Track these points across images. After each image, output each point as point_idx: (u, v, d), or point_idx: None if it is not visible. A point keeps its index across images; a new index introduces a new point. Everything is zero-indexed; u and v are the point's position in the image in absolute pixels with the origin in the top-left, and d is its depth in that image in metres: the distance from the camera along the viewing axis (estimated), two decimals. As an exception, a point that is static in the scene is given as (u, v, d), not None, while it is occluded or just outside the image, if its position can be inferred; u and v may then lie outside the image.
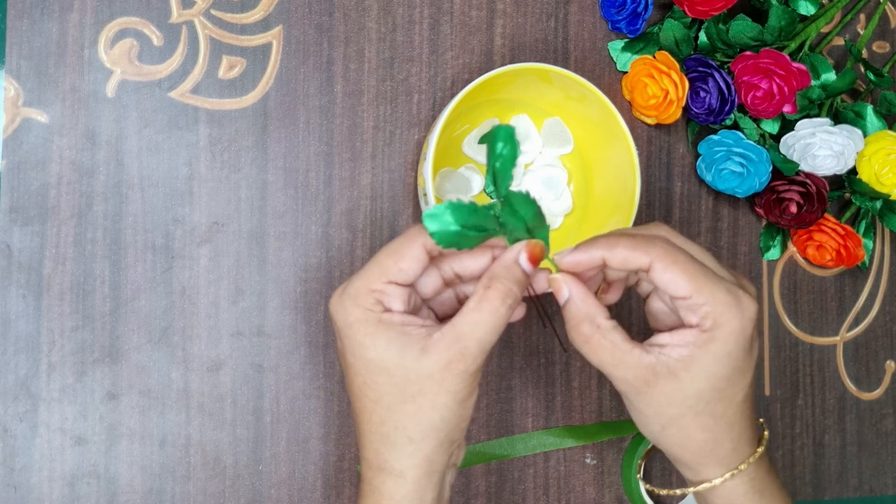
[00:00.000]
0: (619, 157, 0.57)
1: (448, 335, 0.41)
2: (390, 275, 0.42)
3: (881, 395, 0.67)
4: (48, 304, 0.54)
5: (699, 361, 0.42)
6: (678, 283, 0.42)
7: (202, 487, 0.55)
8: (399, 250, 0.43)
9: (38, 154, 0.55)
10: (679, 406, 0.43)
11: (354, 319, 0.42)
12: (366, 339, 0.42)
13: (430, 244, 0.42)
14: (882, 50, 0.68)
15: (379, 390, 0.42)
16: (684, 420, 0.43)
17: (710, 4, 0.57)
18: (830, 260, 0.63)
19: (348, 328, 0.42)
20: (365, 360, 0.42)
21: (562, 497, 0.60)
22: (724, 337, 0.42)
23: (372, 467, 0.43)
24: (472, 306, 0.42)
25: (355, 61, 0.59)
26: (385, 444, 0.42)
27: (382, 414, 0.42)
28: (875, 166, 0.61)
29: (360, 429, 0.44)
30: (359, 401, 0.43)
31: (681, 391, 0.43)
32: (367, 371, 0.42)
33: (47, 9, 0.55)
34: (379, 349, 0.42)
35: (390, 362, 0.41)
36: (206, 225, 0.56)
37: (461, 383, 0.42)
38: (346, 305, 0.42)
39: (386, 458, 0.43)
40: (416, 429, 0.42)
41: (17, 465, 0.53)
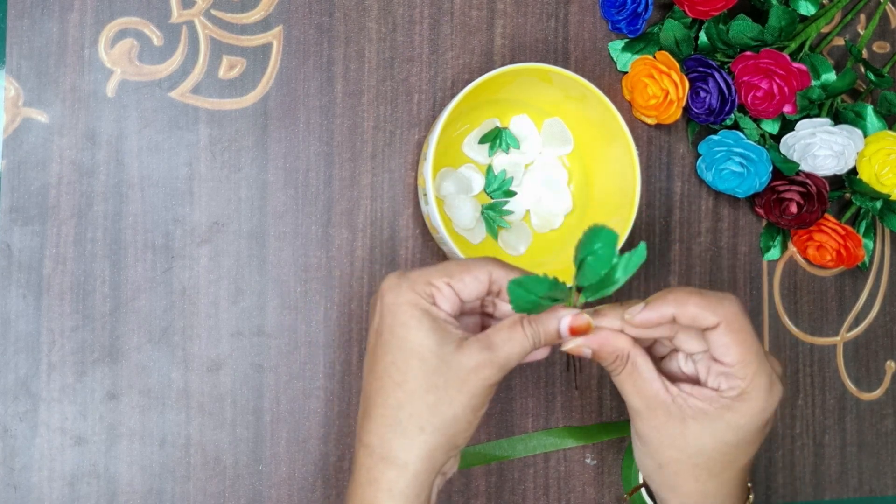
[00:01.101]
0: (620, 157, 0.57)
1: (482, 341, 0.43)
2: (452, 279, 0.44)
3: (881, 395, 0.67)
4: (48, 304, 0.54)
5: (712, 421, 0.44)
6: (731, 351, 0.43)
7: (202, 487, 0.55)
8: (468, 266, 0.45)
9: (39, 154, 0.55)
10: (680, 452, 0.44)
11: (405, 300, 0.44)
12: (411, 320, 0.43)
13: (496, 276, 0.45)
14: (882, 50, 0.68)
15: (406, 373, 0.43)
16: (681, 466, 0.45)
17: (710, 4, 0.57)
18: (830, 260, 0.63)
19: (397, 306, 0.44)
20: (403, 340, 0.43)
21: (562, 497, 0.60)
22: (743, 411, 0.44)
23: (374, 455, 0.43)
24: (507, 326, 0.44)
25: (355, 61, 0.59)
26: (395, 431, 0.43)
27: (401, 398, 0.43)
28: (875, 166, 0.61)
29: (371, 412, 0.44)
30: (379, 380, 0.44)
31: (684, 438, 0.44)
32: (401, 351, 0.43)
33: (47, 9, 0.55)
34: (420, 333, 0.43)
35: (426, 349, 0.43)
36: (206, 225, 0.56)
37: (481, 389, 0.43)
38: (402, 286, 0.44)
39: (392, 447, 0.43)
40: (429, 420, 0.43)
41: (17, 464, 0.53)
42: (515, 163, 0.61)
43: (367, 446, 0.44)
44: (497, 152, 0.60)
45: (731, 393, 0.44)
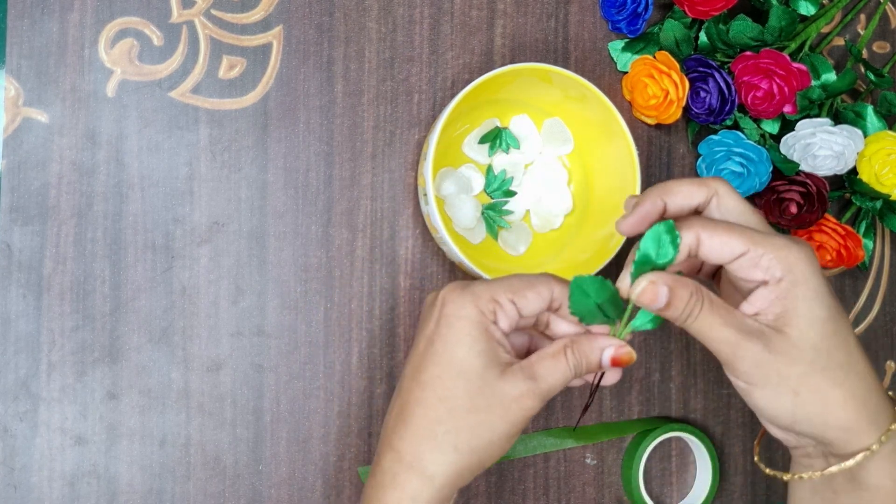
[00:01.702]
0: (620, 157, 0.57)
1: (526, 370, 0.43)
2: (516, 296, 0.43)
3: (881, 395, 0.67)
4: (48, 304, 0.54)
5: (794, 309, 0.41)
6: (730, 243, 0.41)
7: (202, 487, 0.55)
8: (532, 283, 0.44)
9: (39, 154, 0.55)
10: (801, 363, 0.41)
11: (466, 314, 0.43)
12: (466, 337, 0.43)
13: (557, 293, 0.44)
14: (882, 50, 0.68)
15: (450, 391, 0.42)
16: (814, 379, 0.41)
17: (710, 4, 0.57)
18: (830, 260, 0.63)
19: (457, 319, 0.43)
20: (453, 356, 0.43)
21: (562, 497, 0.60)
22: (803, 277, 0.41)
23: (403, 461, 0.43)
24: (551, 356, 0.44)
25: (355, 61, 0.59)
26: (429, 445, 0.42)
27: (442, 414, 0.42)
28: (875, 166, 0.61)
29: (408, 419, 0.43)
30: (422, 390, 0.43)
31: (795, 347, 0.41)
32: (450, 367, 0.43)
33: (48, 8, 0.55)
34: (472, 353, 0.42)
35: (473, 371, 0.42)
36: (206, 225, 0.56)
37: (521, 419, 0.43)
38: (465, 298, 0.43)
39: (423, 458, 0.42)
40: (466, 442, 0.42)
41: (17, 464, 0.53)
42: (515, 163, 0.61)
43: (396, 451, 0.43)
44: (497, 152, 0.60)
45: (776, 272, 0.41)
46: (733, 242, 0.41)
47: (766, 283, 0.42)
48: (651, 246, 0.42)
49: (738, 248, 0.41)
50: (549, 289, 0.44)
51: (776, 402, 0.42)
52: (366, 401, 0.58)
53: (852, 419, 0.42)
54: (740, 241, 0.41)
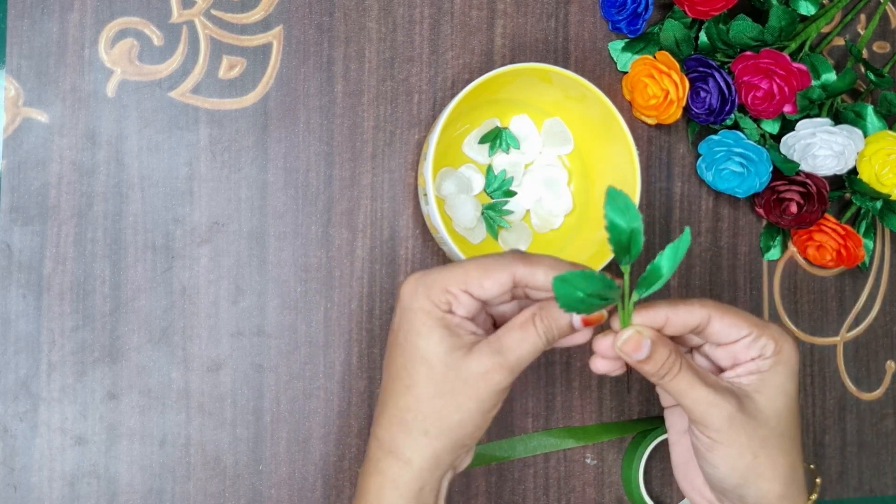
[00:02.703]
0: (620, 157, 0.57)
1: (492, 345, 0.44)
2: (470, 286, 0.44)
3: (881, 395, 0.67)
4: (48, 304, 0.54)
5: (771, 381, 0.45)
6: (738, 325, 0.45)
7: (202, 487, 0.55)
8: (488, 269, 0.44)
9: (39, 154, 0.55)
10: (765, 428, 0.45)
11: (419, 307, 0.44)
12: (422, 328, 0.44)
13: (520, 275, 0.44)
14: (882, 50, 0.68)
15: (415, 378, 0.44)
16: (771, 443, 0.45)
17: (710, 4, 0.57)
18: (831, 260, 0.63)
19: (411, 312, 0.44)
20: (413, 346, 0.44)
21: (562, 497, 0.60)
22: (787, 359, 0.45)
23: (383, 447, 0.45)
24: (518, 325, 0.44)
25: (355, 61, 0.59)
26: (402, 431, 0.44)
27: (410, 401, 0.44)
28: (875, 166, 0.61)
29: (383, 409, 0.45)
30: (392, 381, 0.45)
31: (762, 412, 0.45)
32: (412, 357, 0.44)
33: (48, 9, 0.55)
34: (430, 342, 0.43)
35: (435, 357, 0.43)
36: (206, 225, 0.56)
37: (490, 394, 0.44)
38: (418, 292, 0.44)
39: (398, 444, 0.44)
40: (434, 425, 0.44)
41: (17, 464, 0.53)
42: (515, 163, 0.61)
43: (378, 439, 0.45)
44: (497, 152, 0.60)
45: (768, 350, 0.45)
46: (741, 325, 0.45)
47: (754, 359, 0.46)
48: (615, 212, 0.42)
49: (744, 331, 0.45)
50: (509, 273, 0.44)
51: (736, 461, 0.45)
52: (366, 401, 0.58)
53: (789, 489, 0.46)
54: (747, 324, 0.45)
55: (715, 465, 0.45)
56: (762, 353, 0.45)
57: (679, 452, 0.50)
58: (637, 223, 0.42)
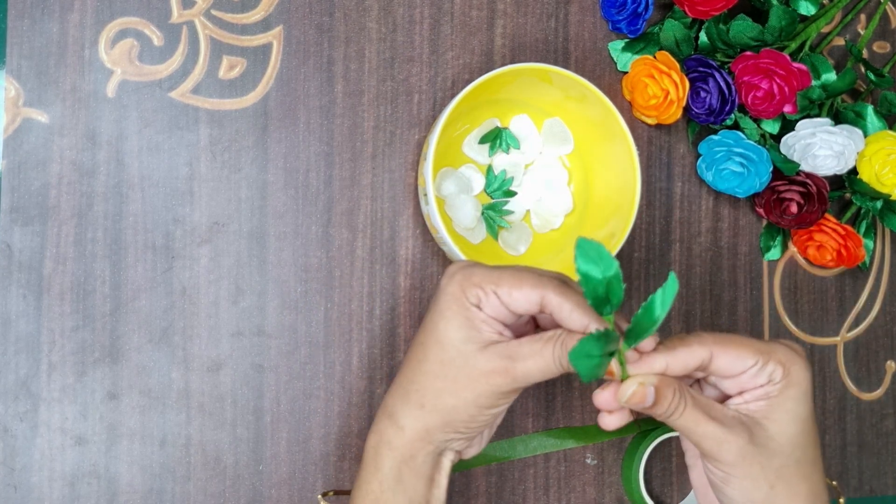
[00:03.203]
0: (620, 157, 0.57)
1: (506, 349, 0.44)
2: (500, 290, 0.44)
3: (881, 395, 0.67)
4: (48, 304, 0.54)
5: (781, 406, 0.44)
6: (742, 356, 0.44)
7: (202, 487, 0.55)
8: (522, 282, 0.44)
9: (39, 154, 0.55)
10: (780, 456, 0.44)
11: (451, 292, 0.45)
12: (447, 311, 0.45)
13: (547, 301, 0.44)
14: (882, 50, 0.68)
15: (426, 356, 0.45)
16: (788, 472, 0.44)
17: (710, 4, 0.57)
18: (831, 260, 0.63)
19: (443, 294, 0.45)
20: (435, 326, 0.45)
21: (562, 497, 0.60)
22: (796, 382, 0.44)
23: (385, 410, 0.47)
24: (538, 340, 0.44)
25: (356, 61, 0.59)
26: (402, 399, 0.46)
27: (416, 375, 0.46)
28: (875, 166, 0.61)
29: (396, 377, 0.48)
30: (409, 353, 0.47)
31: (774, 440, 0.44)
32: (430, 334, 0.45)
33: (48, 9, 0.55)
34: (450, 326, 0.45)
35: (450, 341, 0.45)
36: (206, 225, 0.56)
37: (488, 393, 0.44)
38: (456, 279, 0.45)
39: (396, 410, 0.47)
40: (430, 401, 0.45)
41: (17, 464, 0.53)
42: (515, 163, 0.61)
43: (384, 403, 0.48)
44: (497, 152, 0.60)
45: (777, 375, 0.44)
46: (745, 355, 0.44)
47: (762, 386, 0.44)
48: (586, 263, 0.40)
49: (749, 361, 0.44)
50: (539, 294, 0.44)
51: (752, 493, 0.44)
52: (366, 401, 0.58)
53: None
54: (750, 353, 0.44)
55: (731, 498, 0.45)
56: (770, 379, 0.44)
57: (697, 476, 0.49)
58: (612, 271, 0.40)
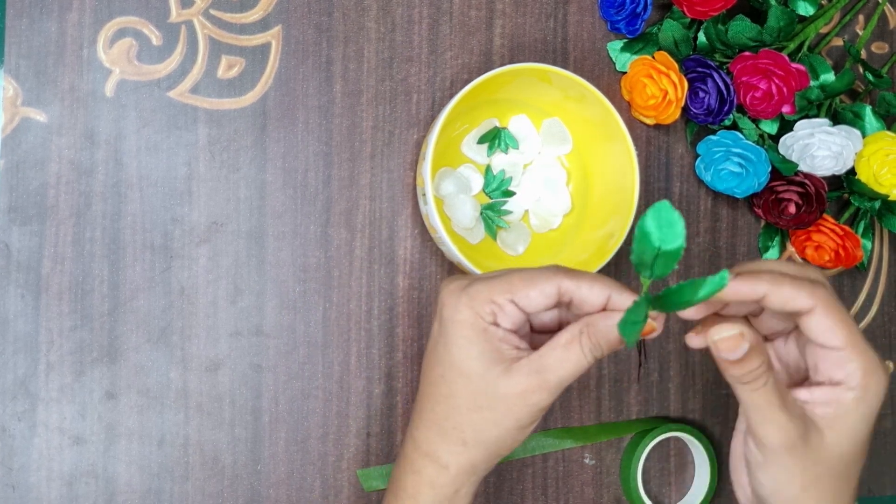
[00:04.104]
0: (618, 157, 0.57)
1: (533, 364, 0.42)
2: (516, 296, 0.42)
3: (880, 395, 0.67)
4: (47, 304, 0.54)
5: (845, 420, 0.42)
6: (836, 333, 0.41)
7: (200, 487, 0.55)
8: (533, 280, 0.43)
9: (37, 153, 0.55)
10: (823, 466, 0.42)
11: (462, 318, 0.43)
12: (462, 340, 0.43)
13: (565, 287, 0.42)
14: (881, 51, 0.68)
15: (453, 389, 0.43)
16: (823, 483, 0.42)
17: (709, 5, 0.57)
18: (829, 260, 0.63)
19: (452, 323, 0.43)
20: (453, 358, 0.43)
21: (560, 497, 0.60)
22: (871, 398, 0.41)
23: (419, 450, 0.45)
24: (562, 344, 0.42)
25: (354, 61, 0.59)
26: (440, 437, 0.44)
27: (448, 410, 0.44)
28: (874, 167, 0.61)
29: (422, 413, 0.45)
30: (430, 387, 0.44)
31: (825, 450, 0.42)
32: (451, 368, 0.43)
33: (46, 8, 0.55)
34: (471, 356, 0.43)
35: (474, 371, 0.43)
36: (204, 225, 0.56)
37: (528, 412, 0.43)
38: (461, 301, 0.43)
39: (435, 448, 0.44)
40: (473, 436, 0.43)
41: (15, 464, 0.53)
42: (514, 163, 0.61)
43: (414, 440, 0.45)
44: (496, 152, 0.60)
45: (853, 381, 0.41)
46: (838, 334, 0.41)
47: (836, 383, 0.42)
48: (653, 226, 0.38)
49: (837, 341, 0.41)
50: (555, 285, 0.42)
51: (782, 486, 0.43)
52: (364, 401, 0.58)
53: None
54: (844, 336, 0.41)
55: (761, 483, 0.43)
56: (846, 380, 0.41)
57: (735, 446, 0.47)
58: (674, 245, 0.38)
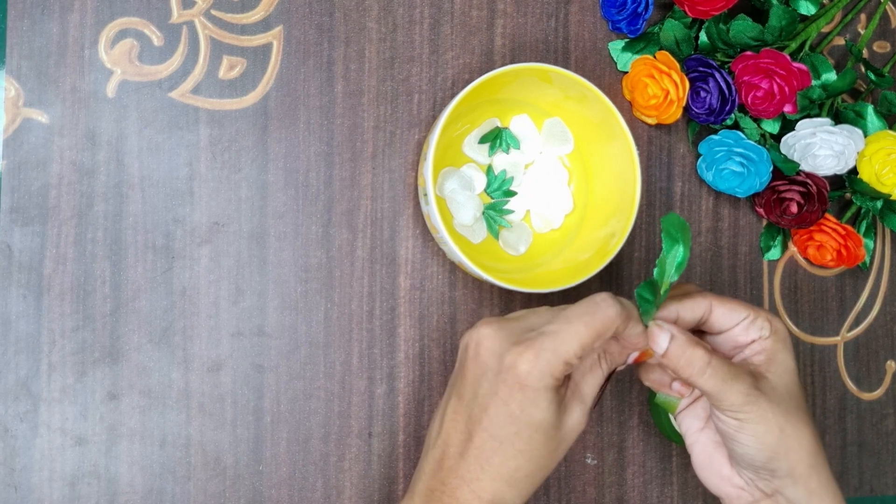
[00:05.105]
0: (620, 156, 0.57)
1: (577, 396, 0.48)
2: (585, 351, 0.46)
3: (882, 395, 0.67)
4: (49, 305, 0.54)
5: (776, 358, 0.49)
6: (735, 310, 0.49)
7: (202, 487, 0.55)
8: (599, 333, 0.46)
9: (39, 154, 0.55)
10: (782, 403, 0.48)
11: (543, 385, 0.45)
12: (542, 401, 0.45)
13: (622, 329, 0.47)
14: (883, 50, 0.68)
15: (531, 445, 0.46)
16: (793, 416, 0.47)
17: (710, 4, 0.57)
18: (831, 260, 0.63)
19: (535, 392, 0.45)
20: (530, 418, 0.45)
21: (562, 497, 0.60)
22: (783, 338, 0.50)
23: (481, 499, 0.46)
24: (589, 370, 0.48)
25: (356, 61, 0.59)
26: (509, 486, 0.46)
27: (522, 463, 0.46)
28: (875, 166, 0.61)
29: (485, 466, 0.46)
30: (500, 444, 0.46)
31: (775, 389, 0.48)
32: (528, 427, 0.45)
33: (48, 9, 0.55)
34: (549, 413, 0.46)
35: (549, 425, 0.46)
36: (206, 225, 0.56)
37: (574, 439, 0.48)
38: (541, 368, 0.45)
39: (503, 496, 0.46)
40: (542, 478, 0.47)
41: (17, 465, 0.53)
42: (515, 163, 0.61)
43: (475, 492, 0.46)
44: (497, 152, 0.60)
45: (766, 330, 0.49)
46: (738, 308, 0.50)
47: (755, 340, 0.49)
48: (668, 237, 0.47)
49: (742, 313, 0.49)
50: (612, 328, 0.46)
51: (765, 437, 0.47)
52: (366, 401, 0.58)
53: (816, 458, 0.48)
54: (743, 308, 0.50)
55: (745, 444, 0.48)
56: (761, 334, 0.49)
57: (699, 451, 0.52)
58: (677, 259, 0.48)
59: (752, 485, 0.49)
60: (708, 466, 0.51)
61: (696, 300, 0.50)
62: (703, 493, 0.63)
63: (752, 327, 0.49)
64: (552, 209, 0.61)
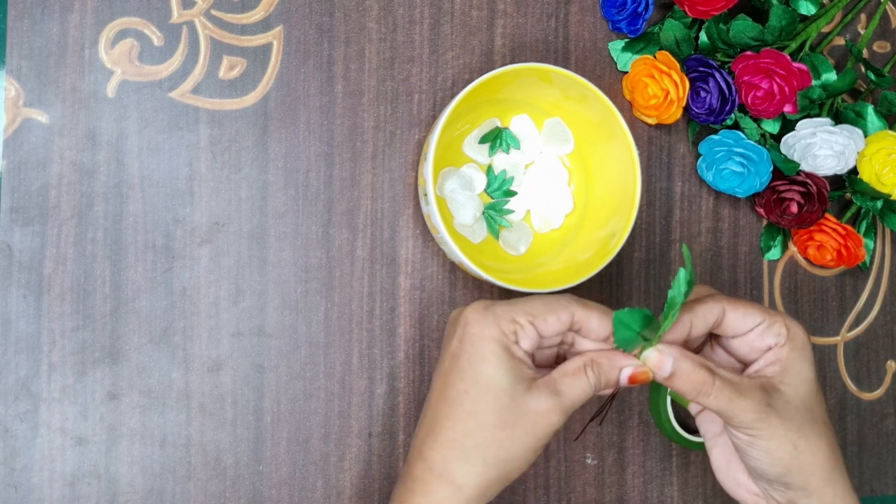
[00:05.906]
0: (620, 156, 0.57)
1: (550, 386, 0.45)
2: (536, 319, 0.45)
3: (882, 395, 0.67)
4: (49, 305, 0.54)
5: (792, 368, 0.46)
6: (750, 313, 0.47)
7: (202, 487, 0.55)
8: (552, 306, 0.46)
9: (39, 154, 0.55)
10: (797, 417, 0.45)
11: (490, 334, 0.45)
12: (491, 356, 0.44)
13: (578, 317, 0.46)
14: (883, 50, 0.68)
15: (479, 406, 0.44)
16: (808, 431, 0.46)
17: (710, 4, 0.57)
18: (831, 260, 0.63)
19: (481, 339, 0.45)
20: (479, 374, 0.44)
21: (562, 497, 0.60)
22: (801, 345, 0.47)
23: (433, 470, 0.45)
24: (572, 373, 0.46)
25: (356, 61, 0.59)
26: (459, 457, 0.44)
27: (470, 427, 0.44)
28: (876, 166, 0.61)
29: (437, 431, 0.45)
30: (450, 405, 0.45)
31: (789, 403, 0.46)
32: (477, 384, 0.44)
33: (48, 9, 0.55)
34: (499, 371, 0.44)
35: (501, 387, 0.44)
36: (206, 225, 0.56)
37: (545, 433, 0.45)
38: (488, 319, 0.45)
39: (451, 468, 0.44)
40: (494, 455, 0.44)
41: (17, 465, 0.53)
42: (516, 163, 0.61)
43: (426, 461, 0.45)
44: (497, 152, 0.60)
45: (782, 337, 0.46)
46: (753, 313, 0.47)
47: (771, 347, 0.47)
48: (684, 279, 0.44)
49: (757, 318, 0.47)
50: (570, 312, 0.46)
51: (777, 452, 0.46)
52: (366, 401, 0.58)
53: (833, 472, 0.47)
54: (758, 312, 0.47)
55: (757, 459, 0.46)
56: (776, 340, 0.47)
57: (717, 455, 0.51)
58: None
59: (767, 494, 0.48)
60: (725, 471, 0.50)
61: (709, 306, 0.47)
62: (703, 493, 0.63)
63: (768, 333, 0.47)
64: (552, 209, 0.61)
